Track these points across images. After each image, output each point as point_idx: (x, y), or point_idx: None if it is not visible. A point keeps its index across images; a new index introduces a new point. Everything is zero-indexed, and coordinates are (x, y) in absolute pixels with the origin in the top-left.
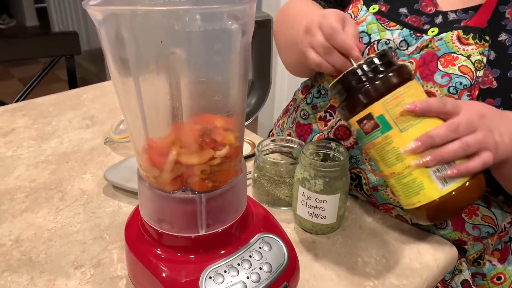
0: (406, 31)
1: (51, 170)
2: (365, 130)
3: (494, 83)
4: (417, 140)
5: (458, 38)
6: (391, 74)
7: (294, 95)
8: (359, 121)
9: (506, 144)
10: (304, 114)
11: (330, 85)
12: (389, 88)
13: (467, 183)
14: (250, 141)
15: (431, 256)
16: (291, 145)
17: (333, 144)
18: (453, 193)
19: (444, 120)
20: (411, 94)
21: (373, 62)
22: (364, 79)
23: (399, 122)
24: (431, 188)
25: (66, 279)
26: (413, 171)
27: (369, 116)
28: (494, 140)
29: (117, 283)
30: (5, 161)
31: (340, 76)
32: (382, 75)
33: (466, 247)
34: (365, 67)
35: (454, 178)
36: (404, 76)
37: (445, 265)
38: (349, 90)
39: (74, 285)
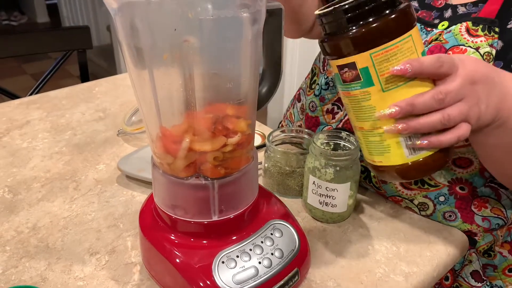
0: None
1: (66, 161)
2: (344, 78)
3: None
4: (396, 106)
5: (467, 30)
6: (388, 20)
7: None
8: (340, 67)
9: (489, 114)
10: (312, 106)
11: (316, 12)
12: (382, 37)
13: (434, 154)
14: (260, 133)
15: (441, 245)
16: (301, 136)
17: (343, 134)
18: (417, 161)
19: (434, 81)
20: (406, 48)
21: (360, 4)
22: (355, 19)
23: (383, 80)
24: (397, 154)
25: (82, 265)
26: (383, 133)
27: (352, 65)
28: (477, 111)
29: (131, 269)
30: (21, 152)
31: (329, 7)
32: (377, 19)
33: (476, 238)
34: (361, 3)
35: (424, 149)
36: (404, 25)
37: (456, 254)
38: (335, 28)
39: (89, 271)
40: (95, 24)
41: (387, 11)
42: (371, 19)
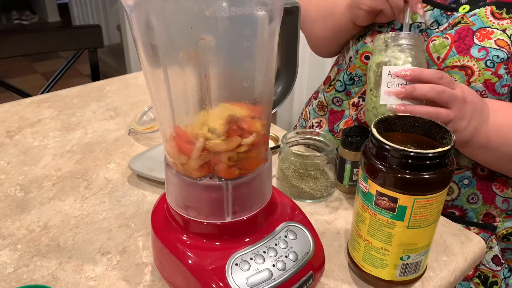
0: (437, 12)
1: (77, 160)
2: (378, 203)
3: None
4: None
5: (492, 13)
6: (444, 174)
7: (317, 88)
8: (380, 193)
9: (468, 132)
10: (338, 101)
11: (397, 147)
12: (433, 188)
13: (418, 276)
14: (272, 134)
15: (458, 249)
16: (315, 137)
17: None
18: (403, 280)
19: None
20: (441, 200)
21: (429, 158)
22: (411, 165)
23: (413, 220)
24: (390, 272)
25: (93, 264)
26: (387, 255)
27: (393, 199)
28: (459, 125)
29: (142, 270)
30: (32, 150)
31: (382, 146)
32: (436, 173)
33: (495, 224)
34: (419, 156)
35: (412, 272)
36: (449, 181)
37: (473, 258)
38: (399, 164)
39: (101, 271)
40: (105, 23)
41: (444, 168)
42: (431, 171)
